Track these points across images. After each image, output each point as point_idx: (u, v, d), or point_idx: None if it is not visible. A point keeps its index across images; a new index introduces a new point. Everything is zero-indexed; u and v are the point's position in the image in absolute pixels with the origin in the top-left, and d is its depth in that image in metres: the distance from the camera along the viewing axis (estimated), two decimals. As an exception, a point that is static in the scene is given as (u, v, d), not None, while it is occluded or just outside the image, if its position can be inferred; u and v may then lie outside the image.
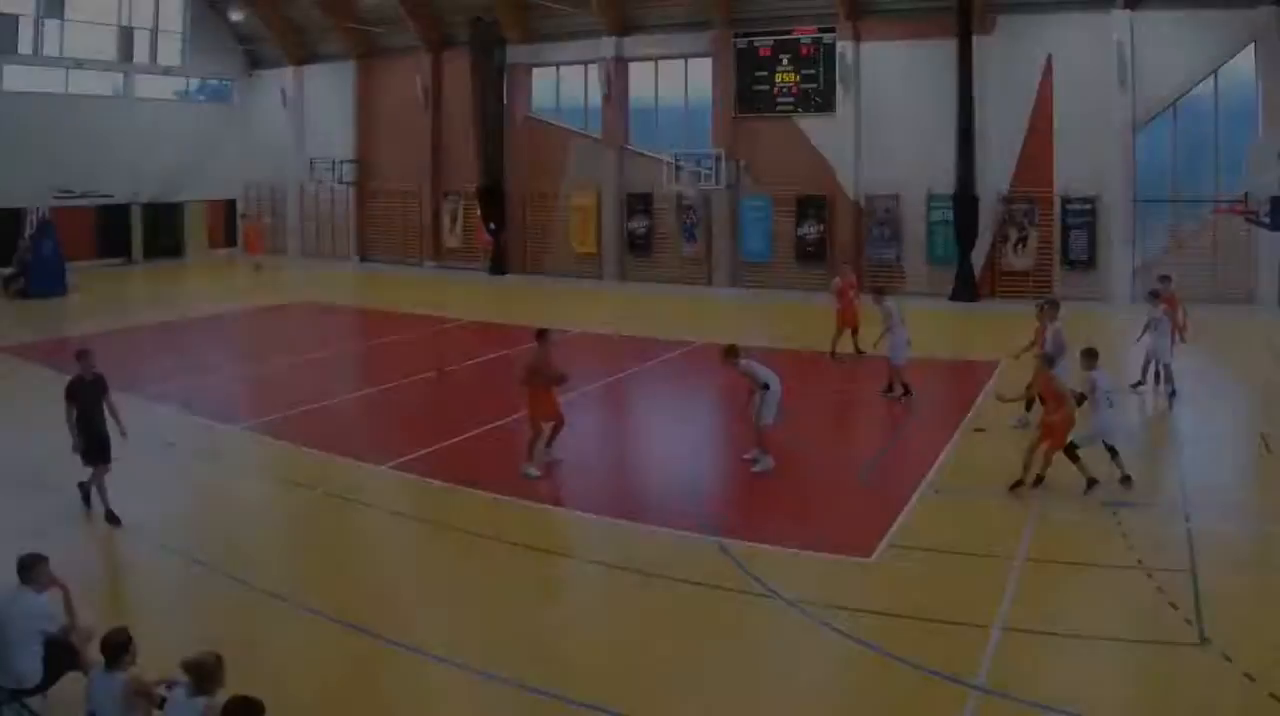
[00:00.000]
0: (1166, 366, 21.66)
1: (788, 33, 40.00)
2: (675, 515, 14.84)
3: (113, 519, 14.46)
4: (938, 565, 12.95)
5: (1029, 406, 18.69)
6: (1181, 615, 11.16)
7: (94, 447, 14.61)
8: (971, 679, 9.93)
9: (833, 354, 26.08)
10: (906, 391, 21.75)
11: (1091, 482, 15.27)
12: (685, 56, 42.51)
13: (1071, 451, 15.35)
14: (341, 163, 50.58)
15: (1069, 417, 15.34)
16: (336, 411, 21.60)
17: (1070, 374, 16.88)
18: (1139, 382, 22.10)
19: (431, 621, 11.79)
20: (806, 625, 11.29)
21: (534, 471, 16.69)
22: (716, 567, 12.85)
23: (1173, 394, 21.46)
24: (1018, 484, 15.33)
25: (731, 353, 17.04)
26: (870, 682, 10.32)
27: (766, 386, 16.65)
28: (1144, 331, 21.89)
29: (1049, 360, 15.86)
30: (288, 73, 53.05)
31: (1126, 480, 15.47)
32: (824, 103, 39.50)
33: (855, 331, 26.55)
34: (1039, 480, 15.48)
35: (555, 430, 17.28)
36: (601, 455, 19.02)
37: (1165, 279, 23.81)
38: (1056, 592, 12.27)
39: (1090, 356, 16.03)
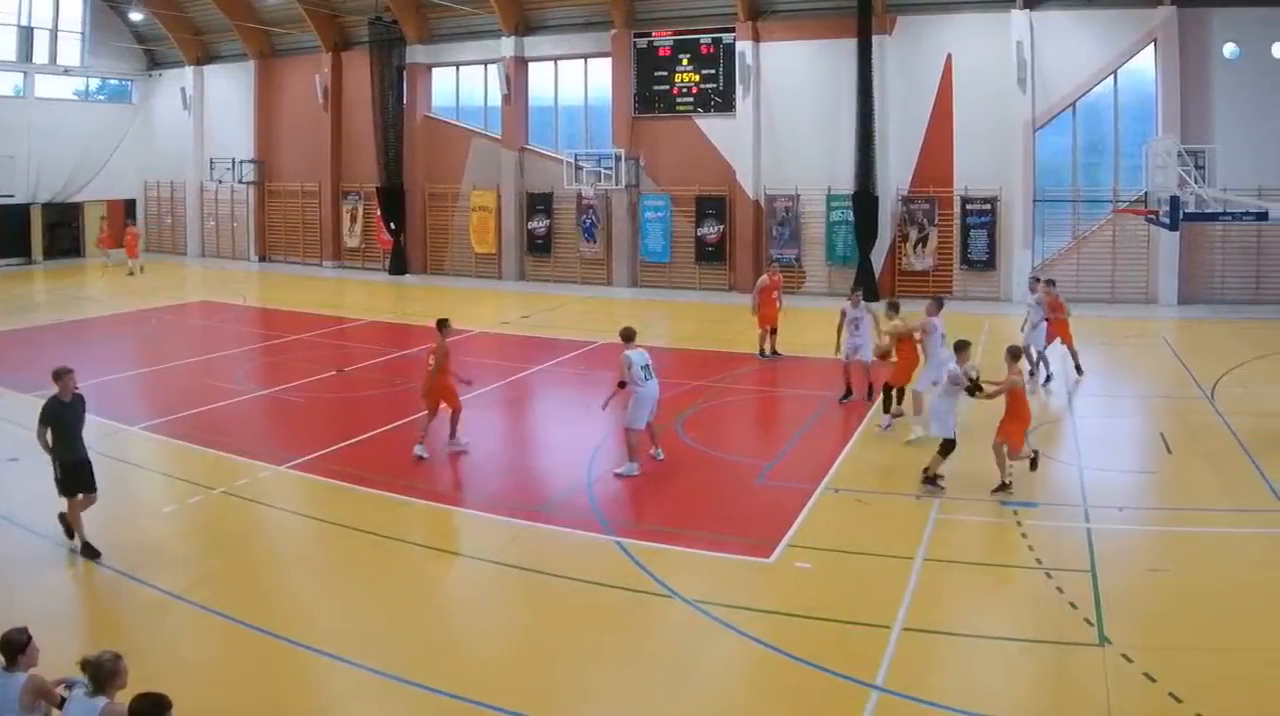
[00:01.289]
0: (1040, 353, 20.96)
1: (687, 33, 37.03)
2: (575, 515, 13.95)
3: (90, 552, 12.41)
4: (837, 565, 12.22)
5: (889, 405, 17.84)
6: (1081, 615, 10.51)
7: (75, 474, 12.52)
8: (871, 679, 9.32)
9: (761, 353, 24.32)
10: (848, 392, 19.94)
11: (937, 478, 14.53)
12: (585, 56, 39.40)
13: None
14: (241, 162, 46.69)
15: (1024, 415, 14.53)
16: (236, 411, 20.11)
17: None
18: (1048, 378, 21.11)
19: (332, 621, 10.97)
20: (706, 625, 10.60)
21: (424, 452, 16.32)
22: (616, 568, 12.12)
23: (1048, 379, 20.95)
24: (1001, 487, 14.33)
25: (627, 336, 16.01)
26: (770, 683, 9.68)
27: (623, 384, 15.53)
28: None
29: (1014, 354, 14.72)
30: (188, 73, 48.78)
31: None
32: (724, 102, 36.52)
33: (774, 332, 24.36)
34: (1032, 462, 14.71)
35: (454, 418, 16.85)
36: (500, 455, 17.76)
37: (1050, 283, 21.85)
38: (956, 593, 11.56)
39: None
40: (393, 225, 42.59)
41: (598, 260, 39.08)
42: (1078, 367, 21.32)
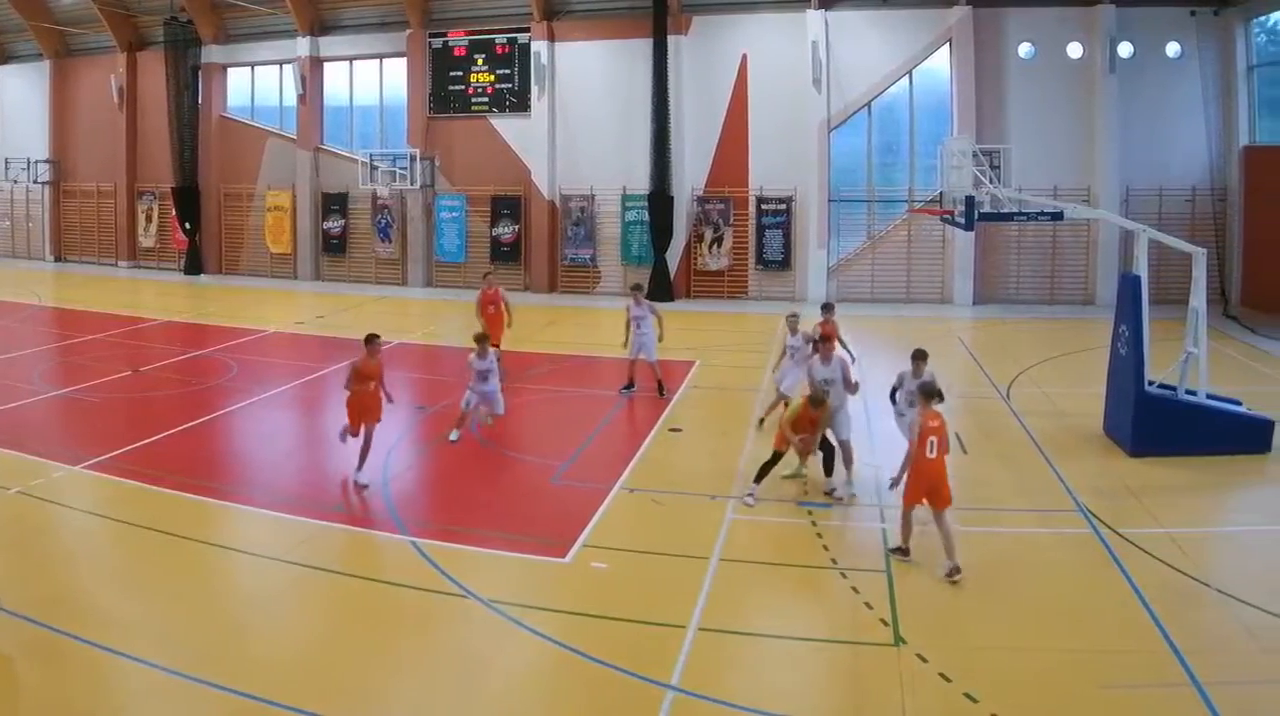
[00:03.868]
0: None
1: (483, 33, 30.78)
2: (370, 515, 11.95)
3: None
4: (633, 565, 10.33)
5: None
6: (876, 615, 9.03)
7: None
8: (667, 679, 7.91)
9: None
10: (630, 384, 17.52)
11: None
12: (380, 56, 32.77)
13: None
14: (37, 162, 38.54)
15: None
16: (31, 411, 17.16)
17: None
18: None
19: (128, 620, 9.06)
20: (502, 625, 8.98)
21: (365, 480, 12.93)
22: (412, 568, 10.22)
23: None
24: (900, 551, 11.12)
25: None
26: (566, 683, 8.15)
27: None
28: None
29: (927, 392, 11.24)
30: (-18, 72, 40.30)
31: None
32: (519, 103, 30.39)
33: (496, 346, 18.17)
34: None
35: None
36: (295, 455, 15.26)
37: (827, 308, 15.66)
38: (751, 593, 9.86)
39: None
40: (188, 225, 35.20)
41: (393, 260, 32.43)
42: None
